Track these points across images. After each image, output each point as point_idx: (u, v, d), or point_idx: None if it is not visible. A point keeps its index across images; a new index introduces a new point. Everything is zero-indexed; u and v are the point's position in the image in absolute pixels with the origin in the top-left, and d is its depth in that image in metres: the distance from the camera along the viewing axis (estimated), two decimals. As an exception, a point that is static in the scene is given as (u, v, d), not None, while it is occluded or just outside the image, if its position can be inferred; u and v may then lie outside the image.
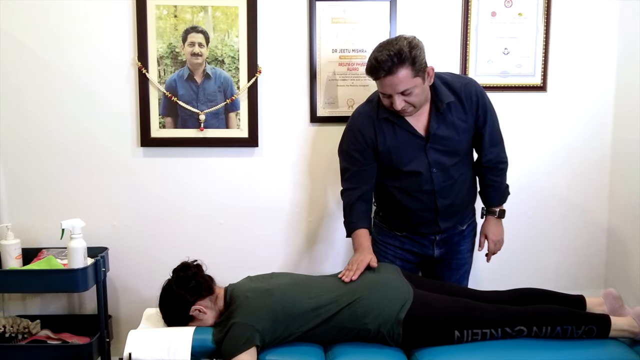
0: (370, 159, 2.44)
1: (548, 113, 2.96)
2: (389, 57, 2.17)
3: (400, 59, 2.17)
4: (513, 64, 2.90)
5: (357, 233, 2.43)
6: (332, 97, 2.86)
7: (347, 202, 2.48)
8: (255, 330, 2.07)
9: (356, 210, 2.45)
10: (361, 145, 2.41)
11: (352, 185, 2.47)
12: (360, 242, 2.40)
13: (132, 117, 2.81)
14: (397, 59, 2.17)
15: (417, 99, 2.28)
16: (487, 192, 2.58)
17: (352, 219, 2.46)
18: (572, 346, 2.14)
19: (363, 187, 2.45)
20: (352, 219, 2.46)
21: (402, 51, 2.17)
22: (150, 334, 2.17)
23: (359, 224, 2.45)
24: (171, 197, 2.89)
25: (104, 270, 2.68)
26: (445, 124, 2.38)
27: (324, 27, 2.82)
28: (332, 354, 2.13)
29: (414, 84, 2.23)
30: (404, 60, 2.18)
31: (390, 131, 2.39)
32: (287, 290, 2.22)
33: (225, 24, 2.75)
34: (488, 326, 2.15)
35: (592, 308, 2.32)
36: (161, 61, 2.76)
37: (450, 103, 2.37)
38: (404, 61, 2.18)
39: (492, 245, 2.60)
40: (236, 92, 2.79)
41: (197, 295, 2.23)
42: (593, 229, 3.07)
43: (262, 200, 2.93)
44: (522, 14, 2.86)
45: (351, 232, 2.46)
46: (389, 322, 2.14)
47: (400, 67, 2.18)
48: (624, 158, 2.94)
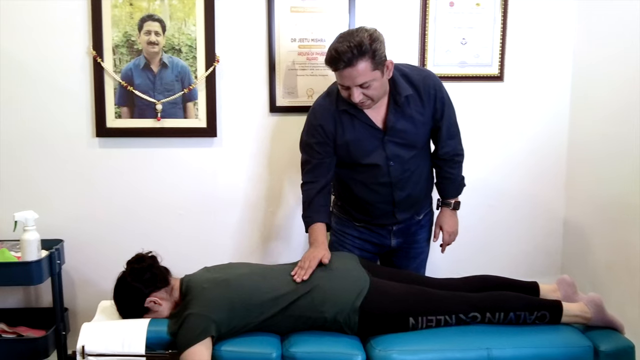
0: (330, 152, 2.42)
1: (505, 103, 3.00)
2: (349, 48, 2.15)
3: (361, 51, 2.15)
4: (471, 54, 2.92)
5: (313, 227, 2.41)
6: (292, 87, 2.85)
7: (306, 197, 2.46)
8: (210, 321, 2.05)
9: (314, 205, 2.43)
10: (321, 138, 2.40)
11: (311, 179, 2.45)
12: (315, 236, 2.38)
13: (87, 107, 2.77)
14: (357, 51, 2.15)
15: (375, 92, 2.27)
16: (443, 184, 2.60)
17: (310, 213, 2.44)
18: (525, 332, 2.17)
19: (322, 180, 2.43)
20: (310, 213, 2.44)
21: (362, 43, 2.15)
22: (104, 326, 2.15)
23: (316, 218, 2.42)
24: (129, 188, 2.86)
25: (59, 262, 2.64)
26: (404, 117, 2.38)
27: (283, 16, 2.80)
28: (288, 343, 2.12)
29: (373, 77, 2.21)
30: (364, 53, 2.16)
31: (349, 124, 2.38)
32: (244, 280, 2.22)
33: (182, 12, 2.72)
34: (442, 313, 2.17)
35: (546, 294, 2.35)
36: (117, 50, 2.72)
37: (408, 96, 2.36)
38: (364, 54, 2.16)
39: (447, 237, 2.63)
40: (194, 82, 2.77)
41: (152, 287, 2.21)
42: (550, 217, 3.12)
43: (221, 191, 2.91)
44: (480, 4, 2.88)
45: (308, 227, 2.44)
46: (345, 310, 2.15)
47: (360, 60, 2.16)
48: (580, 148, 2.98)
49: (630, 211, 2.60)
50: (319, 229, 2.40)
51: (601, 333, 2.20)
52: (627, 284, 2.63)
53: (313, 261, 2.24)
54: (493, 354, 2.07)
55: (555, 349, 2.12)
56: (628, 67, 2.59)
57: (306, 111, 2.51)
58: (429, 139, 2.53)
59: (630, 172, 2.60)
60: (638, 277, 2.55)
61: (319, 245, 2.33)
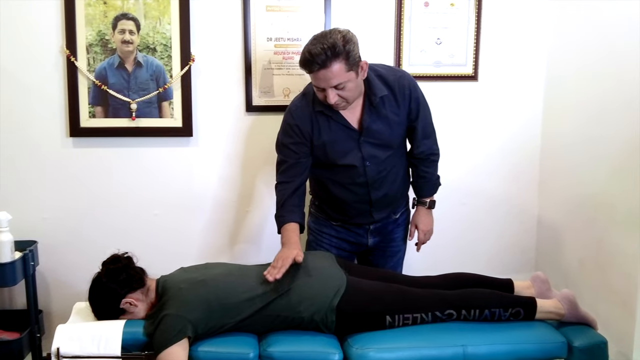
0: (306, 152, 2.42)
1: (480, 102, 3.03)
2: (322, 50, 2.16)
3: (334, 53, 2.16)
4: (446, 53, 2.94)
5: (286, 227, 2.37)
6: (268, 86, 2.85)
7: (280, 197, 2.44)
8: (187, 321, 2.04)
9: (288, 205, 2.40)
10: (298, 139, 2.40)
11: (286, 179, 2.43)
12: (288, 236, 2.33)
13: (60, 106, 2.73)
14: (331, 53, 2.16)
15: (350, 94, 2.28)
16: (419, 184, 2.61)
17: (283, 213, 2.40)
18: (499, 328, 2.20)
19: (297, 180, 2.42)
20: (283, 213, 2.40)
21: (336, 45, 2.16)
22: (79, 328, 2.13)
23: (288, 218, 2.38)
24: (104, 189, 2.83)
25: (32, 264, 2.61)
26: (379, 118, 2.39)
27: (258, 15, 2.79)
28: (266, 343, 2.12)
29: (347, 78, 2.22)
30: (337, 54, 2.17)
31: (325, 125, 2.39)
32: (221, 280, 2.21)
33: (157, 10, 2.70)
34: (419, 311, 2.18)
35: (520, 291, 2.38)
36: (90, 49, 2.69)
37: (383, 97, 2.38)
38: (338, 55, 2.17)
39: (422, 235, 2.65)
40: (169, 81, 2.75)
41: (128, 288, 2.19)
42: (524, 216, 3.16)
43: (197, 191, 2.90)
44: (454, 4, 2.90)
45: (281, 226, 2.40)
46: (323, 309, 2.15)
47: (334, 61, 2.17)
48: (554, 147, 3.02)
49: (602, 209, 2.65)
50: (291, 229, 2.37)
51: (574, 329, 2.23)
52: (599, 280, 2.68)
53: (286, 260, 2.19)
54: (468, 350, 2.10)
55: (529, 345, 2.16)
56: (601, 68, 2.63)
57: (283, 111, 2.51)
58: (405, 139, 2.54)
59: (602, 172, 2.65)
60: (609, 274, 2.60)
61: (291, 245, 2.29)
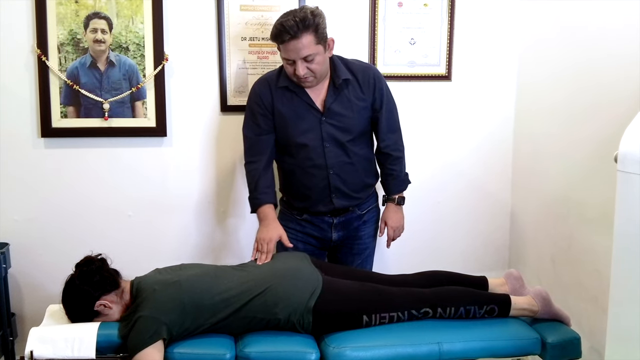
0: (269, 125, 2.52)
1: (453, 102, 3.05)
2: (294, 22, 2.30)
3: (305, 25, 2.30)
4: (420, 53, 2.96)
5: (262, 208, 2.53)
6: (243, 86, 2.84)
7: (250, 178, 2.57)
8: (161, 323, 2.03)
9: (260, 187, 2.54)
10: (260, 109, 2.52)
11: (253, 158, 2.56)
12: (265, 214, 2.51)
13: (31, 106, 2.70)
14: (302, 25, 2.30)
15: (318, 67, 2.39)
16: (387, 181, 2.69)
17: (257, 195, 2.55)
18: (474, 325, 2.22)
19: (263, 158, 2.55)
20: (257, 195, 2.55)
21: (306, 18, 2.31)
22: (53, 330, 2.10)
23: (263, 200, 2.53)
24: (76, 190, 2.80)
25: (4, 266, 2.58)
26: (341, 101, 2.50)
27: (232, 14, 2.79)
28: (242, 343, 2.11)
29: (316, 51, 2.35)
30: (308, 27, 2.31)
31: (288, 99, 2.50)
32: (195, 281, 2.19)
33: (129, 9, 2.68)
34: (395, 309, 2.20)
35: (494, 288, 2.41)
36: (62, 48, 2.66)
37: (347, 80, 2.49)
38: (308, 27, 2.31)
39: (392, 232, 2.69)
40: (142, 80, 2.73)
41: (102, 290, 2.16)
42: (497, 214, 3.20)
43: (172, 191, 2.88)
44: (428, 4, 2.93)
45: (256, 209, 2.54)
46: (299, 310, 2.15)
47: (305, 33, 2.31)
48: (526, 146, 3.06)
49: (574, 206, 2.69)
50: (267, 208, 2.53)
51: (548, 325, 2.26)
52: (570, 277, 2.72)
53: (270, 244, 2.40)
54: (444, 348, 2.12)
55: (503, 341, 2.18)
56: (572, 67, 2.67)
57: (258, 111, 2.52)
58: (369, 129, 2.61)
59: (573, 171, 2.68)
60: (581, 270, 2.64)
61: (270, 222, 2.49)
